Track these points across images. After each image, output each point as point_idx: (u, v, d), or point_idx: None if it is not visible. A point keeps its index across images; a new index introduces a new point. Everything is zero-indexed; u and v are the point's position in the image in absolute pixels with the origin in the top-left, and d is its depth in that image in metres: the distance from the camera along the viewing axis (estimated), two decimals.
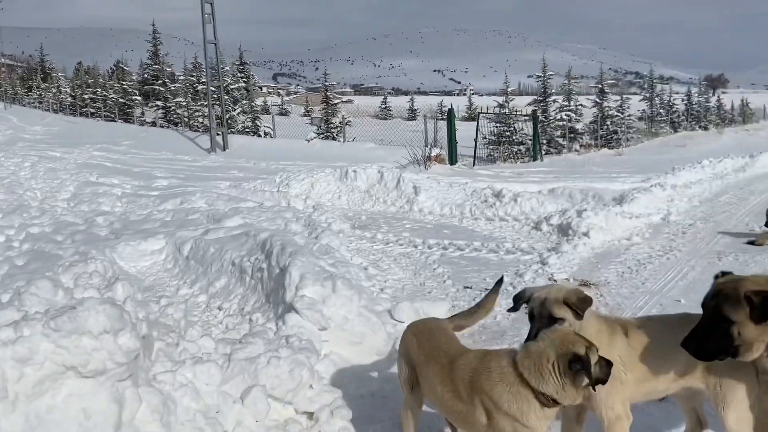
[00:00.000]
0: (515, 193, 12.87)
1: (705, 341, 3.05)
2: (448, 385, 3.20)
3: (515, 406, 2.97)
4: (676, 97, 49.81)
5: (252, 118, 33.08)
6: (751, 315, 2.94)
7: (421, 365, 3.45)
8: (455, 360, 3.25)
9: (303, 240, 6.86)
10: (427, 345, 3.50)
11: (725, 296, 3.03)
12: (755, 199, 13.67)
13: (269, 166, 19.60)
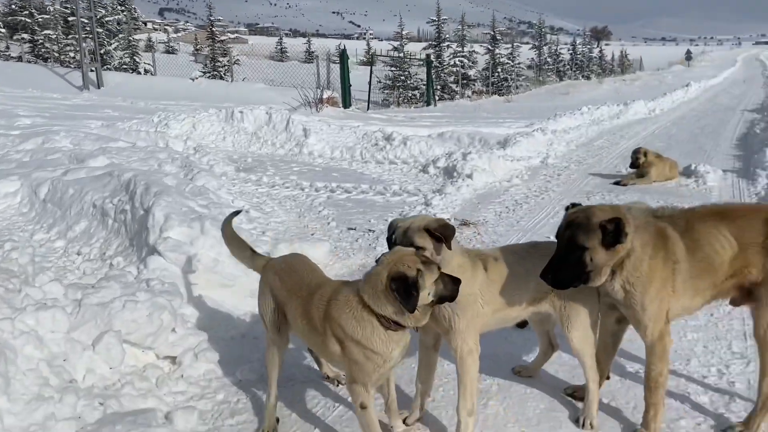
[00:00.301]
0: (405, 136, 12.93)
1: (561, 270, 3.18)
2: (306, 317, 3.17)
3: (360, 331, 2.96)
4: (563, 47, 51.88)
5: (131, 54, 30.66)
6: (603, 241, 3.10)
7: (285, 301, 3.38)
8: (314, 292, 3.20)
9: (175, 181, 6.47)
10: (289, 281, 3.43)
11: (578, 225, 3.16)
12: (625, 144, 14.61)
13: (148, 105, 18.38)
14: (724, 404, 3.76)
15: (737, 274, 3.33)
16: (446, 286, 2.97)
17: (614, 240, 3.10)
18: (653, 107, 22.70)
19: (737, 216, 3.38)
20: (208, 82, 24.25)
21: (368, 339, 2.95)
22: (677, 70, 56.29)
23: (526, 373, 4.13)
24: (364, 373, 3.01)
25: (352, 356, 2.99)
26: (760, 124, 16.03)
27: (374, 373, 3.03)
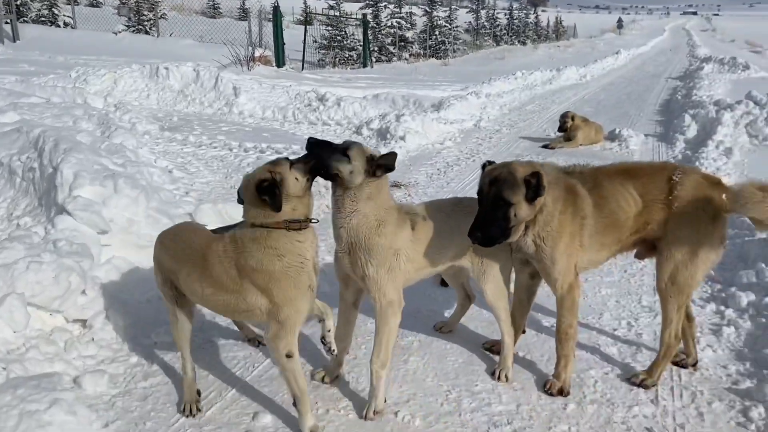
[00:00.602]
0: (339, 97, 12.74)
1: (488, 228, 3.20)
2: (206, 280, 3.02)
3: (279, 261, 2.89)
4: (501, 12, 52.11)
5: (49, 6, 28.60)
6: (527, 195, 3.14)
7: (175, 272, 3.16)
8: (206, 253, 3.03)
9: (90, 139, 6.13)
10: (175, 248, 3.22)
11: (503, 181, 3.18)
12: (556, 108, 14.92)
13: (68, 60, 17.31)
14: (631, 354, 3.95)
15: (641, 229, 3.47)
16: (309, 168, 2.96)
17: (536, 194, 3.16)
18: (584, 73, 23.24)
19: (642, 174, 3.50)
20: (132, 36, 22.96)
21: (289, 262, 2.91)
22: (609, 38, 57.67)
23: (447, 328, 4.21)
24: (295, 309, 2.93)
25: (283, 295, 2.90)
26: (682, 91, 16.70)
27: (305, 305, 2.98)
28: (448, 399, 3.45)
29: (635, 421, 3.27)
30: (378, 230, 3.18)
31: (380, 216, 3.19)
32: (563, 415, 3.31)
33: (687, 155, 9.35)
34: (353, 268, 3.27)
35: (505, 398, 3.46)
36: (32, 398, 2.93)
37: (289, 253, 2.92)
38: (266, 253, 2.90)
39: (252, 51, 17.03)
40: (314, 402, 3.38)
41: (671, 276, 3.43)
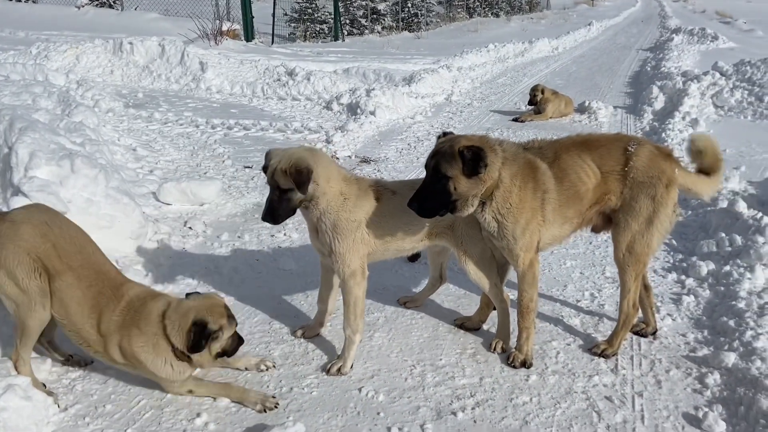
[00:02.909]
0: (309, 71, 12.55)
1: (427, 199, 3.20)
2: (94, 315, 3.11)
3: (154, 360, 3.11)
4: None
5: None
6: (464, 169, 3.12)
7: (57, 273, 3.09)
8: (117, 296, 3.17)
9: (48, 117, 5.94)
10: (66, 249, 3.16)
11: (442, 154, 3.19)
12: (527, 81, 14.90)
13: (29, 36, 16.72)
14: (593, 325, 4.01)
15: (599, 201, 3.50)
16: (232, 344, 3.18)
17: (473, 168, 3.14)
18: (556, 45, 23.23)
19: (599, 145, 3.52)
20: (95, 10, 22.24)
21: (159, 368, 3.06)
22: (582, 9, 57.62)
23: (413, 304, 4.22)
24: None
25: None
26: (651, 63, 16.80)
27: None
28: (413, 374, 3.47)
29: (595, 390, 3.33)
30: (343, 204, 3.34)
31: (343, 190, 3.35)
32: (525, 386, 3.36)
33: (654, 126, 9.43)
34: (320, 246, 3.46)
35: (468, 371, 3.49)
36: None
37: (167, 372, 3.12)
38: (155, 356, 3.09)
39: (219, 25, 16.62)
40: (278, 380, 3.38)
41: (628, 246, 3.49)
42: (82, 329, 3.06)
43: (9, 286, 3.00)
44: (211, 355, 3.10)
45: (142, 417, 3.06)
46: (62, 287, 3.04)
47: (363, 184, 3.48)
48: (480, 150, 3.14)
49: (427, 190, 3.21)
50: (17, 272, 2.99)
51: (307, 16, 27.50)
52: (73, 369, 3.38)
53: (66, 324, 3.10)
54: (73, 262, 3.08)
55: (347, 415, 3.13)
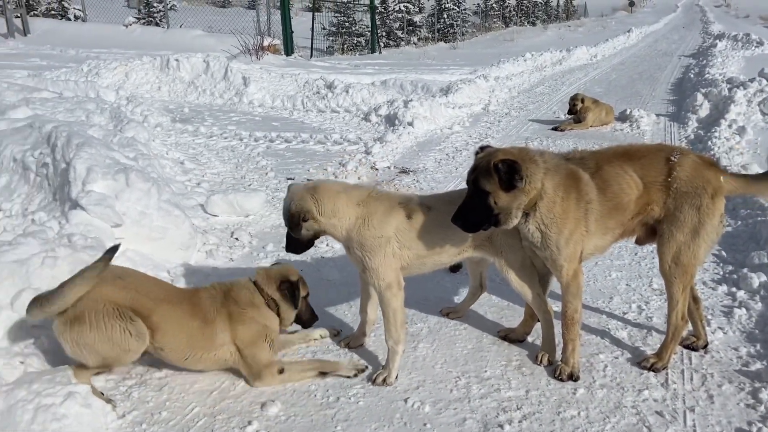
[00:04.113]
0: (347, 84, 12.72)
1: (469, 215, 3.24)
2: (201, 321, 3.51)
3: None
4: None
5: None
6: (500, 183, 3.15)
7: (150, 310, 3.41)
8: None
9: (102, 132, 6.18)
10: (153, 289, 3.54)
11: (480, 169, 3.22)
12: (566, 90, 14.79)
13: (79, 54, 17.39)
14: (641, 338, 3.96)
15: (642, 212, 3.47)
16: (307, 309, 3.79)
17: (509, 182, 3.16)
18: (595, 53, 22.99)
19: (641, 156, 3.50)
20: (142, 28, 22.98)
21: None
22: (620, 16, 56.88)
23: (455, 314, 4.23)
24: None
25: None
26: (695, 69, 16.46)
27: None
28: (458, 385, 3.48)
29: (645, 405, 3.29)
30: (365, 224, 3.45)
31: (359, 213, 3.46)
32: (572, 400, 3.34)
33: (699, 135, 9.24)
34: (355, 263, 3.58)
35: (514, 384, 3.49)
36: (47, 392, 3.00)
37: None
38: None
39: (261, 40, 16.98)
40: (325, 389, 3.44)
41: (674, 257, 3.45)
42: (197, 342, 3.39)
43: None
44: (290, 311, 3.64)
45: (196, 424, 3.15)
46: (161, 320, 3.32)
47: (389, 201, 3.54)
48: (515, 163, 3.15)
49: (469, 206, 3.25)
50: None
51: (345, 30, 27.89)
52: (129, 376, 3.50)
53: (179, 346, 3.38)
54: (158, 296, 3.39)
55: (394, 425, 3.16)
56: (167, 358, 3.41)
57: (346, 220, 3.47)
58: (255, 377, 3.44)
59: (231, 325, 3.44)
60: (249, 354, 3.43)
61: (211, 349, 3.40)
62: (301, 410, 3.27)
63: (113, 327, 3.18)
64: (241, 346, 3.43)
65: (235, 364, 3.48)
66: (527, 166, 3.22)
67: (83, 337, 3.16)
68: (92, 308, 3.18)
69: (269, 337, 3.51)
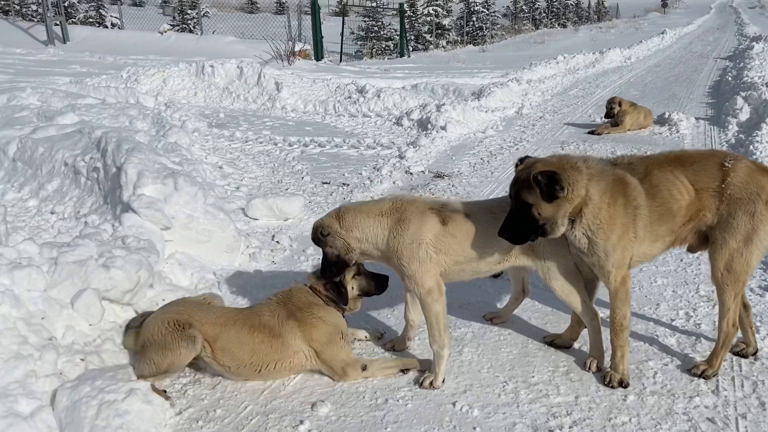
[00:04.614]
0: (378, 89, 12.79)
1: (515, 227, 3.26)
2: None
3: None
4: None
5: (96, 6, 29.44)
6: (542, 195, 3.16)
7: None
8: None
9: (147, 138, 6.35)
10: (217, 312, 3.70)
11: (521, 182, 3.24)
12: (600, 92, 14.65)
13: (117, 60, 17.82)
14: (690, 345, 3.91)
15: (694, 218, 3.43)
16: (368, 284, 3.81)
17: (550, 193, 3.16)
18: (629, 55, 22.70)
19: (692, 161, 3.46)
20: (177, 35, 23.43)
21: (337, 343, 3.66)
22: (653, 18, 56.04)
23: (499, 320, 4.24)
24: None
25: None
26: (732, 72, 16.15)
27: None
28: (505, 390, 3.49)
29: (696, 411, 3.26)
30: (393, 233, 3.49)
31: (384, 224, 3.51)
32: (623, 406, 3.32)
33: (740, 139, 9.08)
34: (396, 272, 3.62)
35: (563, 390, 3.48)
36: (110, 389, 3.10)
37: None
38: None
39: (292, 46, 17.19)
40: (373, 391, 3.48)
41: (726, 264, 3.40)
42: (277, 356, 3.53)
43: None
44: (351, 297, 3.75)
45: (250, 422, 3.22)
46: (225, 343, 3.46)
47: (418, 207, 3.55)
48: (554, 174, 3.15)
49: (514, 218, 3.28)
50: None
51: (373, 34, 27.99)
52: (183, 375, 3.59)
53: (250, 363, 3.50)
54: (218, 320, 3.52)
55: (443, 428, 3.19)
56: (240, 374, 3.52)
57: (371, 231, 3.52)
58: (340, 375, 3.54)
59: (301, 331, 3.54)
60: (328, 355, 3.53)
61: (285, 358, 3.51)
62: (351, 411, 3.32)
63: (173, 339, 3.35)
64: (317, 348, 3.53)
65: (314, 367, 3.58)
66: (569, 174, 3.22)
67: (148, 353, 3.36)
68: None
69: (343, 334, 3.61)
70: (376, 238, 3.53)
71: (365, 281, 3.81)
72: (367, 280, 3.82)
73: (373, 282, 3.83)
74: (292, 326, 3.57)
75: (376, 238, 3.53)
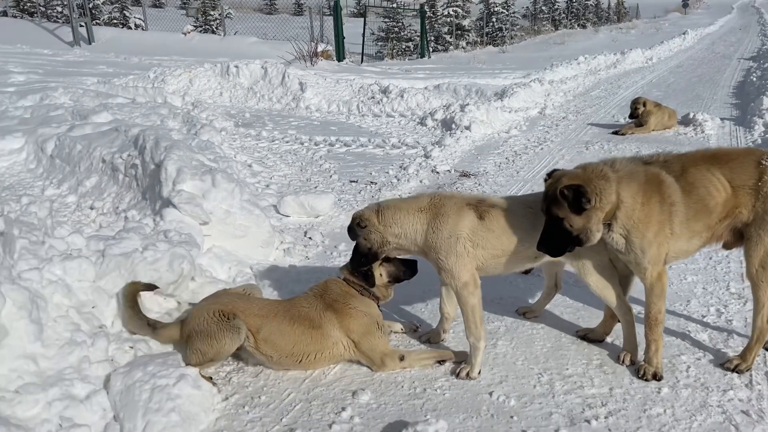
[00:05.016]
0: (402, 89, 12.88)
1: (551, 240, 3.35)
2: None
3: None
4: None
5: (120, 8, 29.93)
6: (570, 208, 3.23)
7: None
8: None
9: (180, 136, 6.51)
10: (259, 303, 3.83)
11: (549, 197, 3.33)
12: (623, 93, 14.61)
13: (142, 61, 18.10)
14: (722, 341, 3.96)
15: (729, 215, 3.48)
16: (397, 270, 3.87)
17: (577, 206, 3.23)
18: (650, 56, 22.58)
19: (729, 159, 3.51)
20: (200, 36, 23.75)
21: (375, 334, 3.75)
22: (674, 18, 55.55)
23: (531, 314, 4.31)
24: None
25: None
26: (757, 72, 16.02)
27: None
28: (540, 381, 3.57)
29: (731, 404, 3.31)
30: (432, 228, 3.59)
31: (422, 219, 3.61)
32: (657, 398, 3.38)
33: (767, 139, 9.04)
34: (433, 265, 3.70)
35: (597, 382, 3.55)
36: (161, 374, 3.23)
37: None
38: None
39: (315, 46, 17.35)
40: (411, 381, 3.58)
41: (762, 261, 3.45)
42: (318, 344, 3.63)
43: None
44: (382, 284, 3.85)
45: (294, 408, 3.33)
46: (268, 334, 3.57)
47: (455, 203, 3.64)
48: (579, 187, 3.23)
49: (549, 232, 3.37)
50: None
51: (394, 35, 28.09)
52: (227, 363, 3.72)
53: (291, 354, 3.61)
54: (261, 312, 3.64)
55: (482, 417, 3.27)
56: (282, 364, 3.62)
57: (410, 228, 3.62)
58: (379, 365, 3.64)
59: (339, 322, 3.64)
60: (366, 345, 3.63)
61: (325, 348, 3.62)
62: (391, 399, 3.41)
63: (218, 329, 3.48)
64: (355, 339, 3.63)
65: (353, 357, 3.69)
66: (596, 183, 3.28)
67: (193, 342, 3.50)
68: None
69: (379, 325, 3.71)
70: (415, 234, 3.62)
71: (394, 267, 3.88)
72: (396, 265, 3.89)
73: (402, 266, 3.89)
74: (330, 317, 3.67)
75: (415, 233, 3.62)
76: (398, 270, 3.88)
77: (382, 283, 3.86)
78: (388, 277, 3.88)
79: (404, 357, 3.69)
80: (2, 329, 3.17)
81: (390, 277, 3.88)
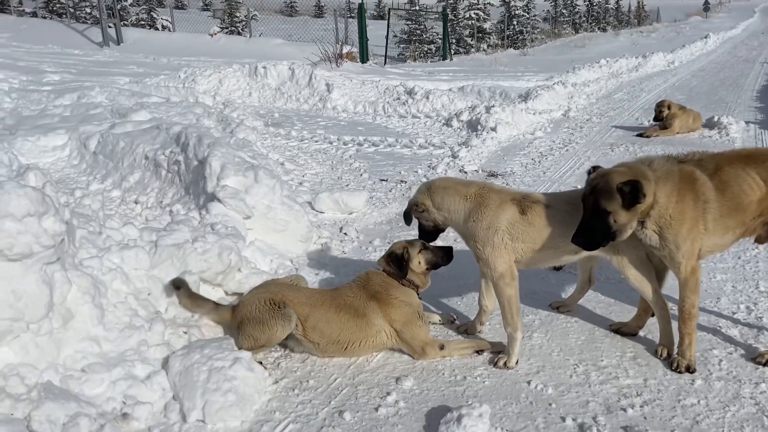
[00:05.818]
0: (427, 90, 13.04)
1: (590, 234, 3.47)
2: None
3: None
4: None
5: (147, 9, 30.49)
6: (623, 203, 3.36)
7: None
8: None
9: (217, 134, 6.73)
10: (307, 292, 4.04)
11: (600, 190, 3.44)
12: (646, 96, 14.63)
13: (171, 61, 18.47)
14: (753, 336, 4.05)
15: (764, 213, 3.59)
16: (434, 257, 4.01)
17: (633, 201, 3.37)
18: (672, 59, 22.51)
19: (765, 159, 3.62)
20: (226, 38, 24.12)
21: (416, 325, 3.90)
22: (695, 21, 55.08)
23: (565, 308, 4.44)
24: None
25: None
26: None
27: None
28: (576, 372, 3.69)
29: (763, 396, 3.41)
30: (473, 217, 3.77)
31: (466, 207, 3.80)
32: (691, 389, 3.49)
33: None
34: (472, 253, 3.87)
35: (631, 373, 3.67)
36: (217, 357, 3.41)
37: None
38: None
39: (340, 48, 17.57)
40: (451, 369, 3.72)
41: None
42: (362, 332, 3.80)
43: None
44: (420, 272, 3.99)
45: (341, 392, 3.50)
46: (316, 322, 3.76)
47: (499, 196, 3.80)
48: (638, 183, 3.35)
49: (589, 225, 3.48)
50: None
51: (416, 37, 28.26)
52: (275, 349, 3.89)
53: (337, 340, 3.78)
54: (309, 301, 3.83)
55: (521, 403, 3.41)
56: (327, 351, 3.79)
57: (456, 213, 3.82)
58: (419, 354, 3.79)
59: (382, 311, 3.81)
60: (408, 334, 3.78)
61: (369, 336, 3.79)
62: (433, 385, 3.56)
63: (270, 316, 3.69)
64: (397, 328, 3.79)
65: (395, 345, 3.84)
66: (644, 182, 3.41)
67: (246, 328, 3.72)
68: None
69: (420, 315, 3.86)
70: (458, 218, 3.83)
71: (431, 254, 4.02)
72: (434, 252, 4.03)
73: (440, 252, 4.04)
74: (373, 306, 3.84)
75: (458, 218, 3.83)
76: (436, 256, 4.02)
77: (420, 270, 4.01)
78: (427, 264, 4.01)
79: (444, 346, 3.84)
80: (68, 312, 3.37)
81: (428, 264, 4.02)
